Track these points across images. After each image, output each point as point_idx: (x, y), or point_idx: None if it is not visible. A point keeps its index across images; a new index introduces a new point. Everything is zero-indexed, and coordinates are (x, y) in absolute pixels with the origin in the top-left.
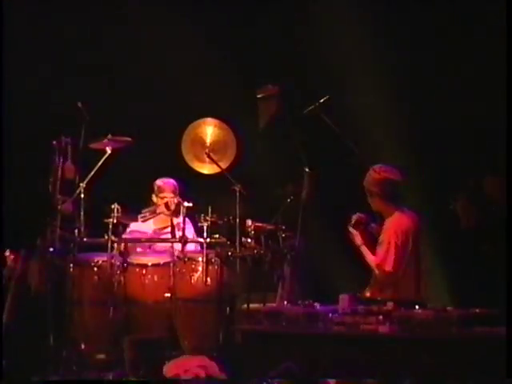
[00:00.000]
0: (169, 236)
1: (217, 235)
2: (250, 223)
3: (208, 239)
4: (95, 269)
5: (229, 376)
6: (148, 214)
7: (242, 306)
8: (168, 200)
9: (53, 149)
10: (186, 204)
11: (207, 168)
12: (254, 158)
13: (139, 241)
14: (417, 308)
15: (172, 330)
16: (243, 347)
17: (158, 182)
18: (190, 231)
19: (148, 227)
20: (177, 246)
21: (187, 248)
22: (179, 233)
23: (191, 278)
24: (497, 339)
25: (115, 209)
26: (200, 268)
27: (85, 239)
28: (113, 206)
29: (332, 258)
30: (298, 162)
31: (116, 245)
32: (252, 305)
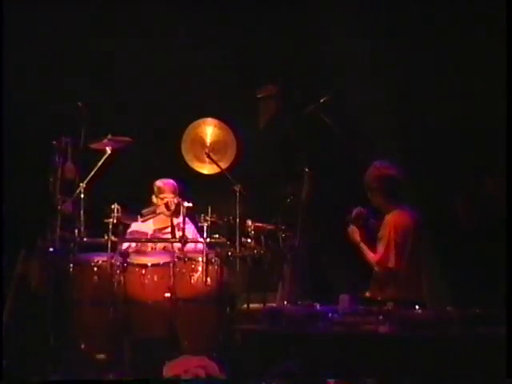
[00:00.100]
0: (169, 236)
1: (217, 235)
2: (250, 223)
3: (208, 239)
4: (95, 269)
5: (229, 376)
6: (148, 214)
7: (242, 306)
8: (168, 200)
9: (53, 149)
10: (186, 204)
11: (207, 168)
12: (254, 158)
13: (139, 241)
14: (417, 308)
15: (172, 330)
16: (243, 347)
17: (158, 183)
18: (190, 231)
19: (148, 227)
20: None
21: (187, 248)
22: (179, 233)
23: (191, 278)
24: (497, 339)
25: (115, 209)
26: (200, 268)
27: (85, 239)
28: (113, 206)
29: (332, 258)
30: (298, 162)
31: (118, 245)
32: (252, 305)
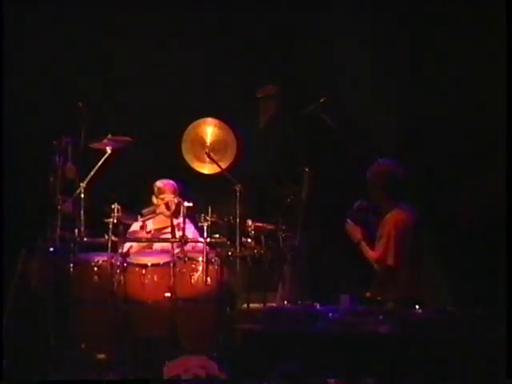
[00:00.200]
0: (169, 236)
1: (217, 235)
2: (250, 223)
3: (208, 239)
4: (95, 269)
5: (229, 376)
6: (148, 214)
7: (242, 306)
8: (168, 200)
9: (53, 149)
10: (186, 204)
11: (207, 168)
12: (254, 158)
13: (139, 241)
14: (417, 308)
15: (172, 330)
16: (243, 347)
17: (158, 184)
18: (190, 231)
19: (148, 227)
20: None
21: (187, 247)
22: (179, 233)
23: (191, 278)
24: (497, 339)
25: (115, 209)
26: (200, 268)
27: (85, 239)
28: (113, 206)
29: (332, 258)
30: (298, 162)
31: (118, 245)
32: (252, 305)
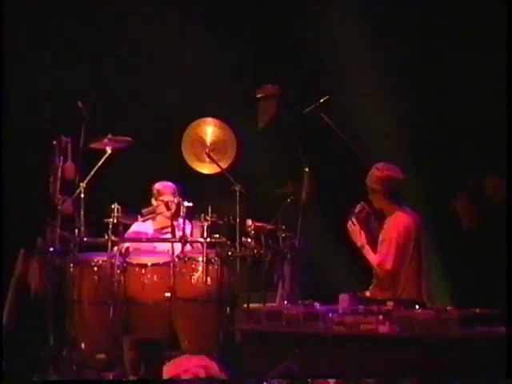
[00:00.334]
0: (169, 236)
1: (217, 235)
2: (250, 223)
3: (208, 239)
4: (95, 269)
5: (229, 376)
6: (148, 214)
7: (242, 306)
8: (168, 200)
9: (53, 149)
10: (186, 204)
11: (207, 168)
12: (254, 158)
13: (139, 241)
14: (417, 308)
15: (172, 330)
16: (243, 347)
17: (157, 186)
18: (192, 231)
19: (148, 227)
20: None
21: (187, 247)
22: (179, 233)
23: (191, 278)
24: (497, 339)
25: (115, 209)
26: (200, 268)
27: (85, 239)
28: (113, 206)
29: (332, 258)
30: (298, 162)
31: (118, 245)
32: (252, 305)
